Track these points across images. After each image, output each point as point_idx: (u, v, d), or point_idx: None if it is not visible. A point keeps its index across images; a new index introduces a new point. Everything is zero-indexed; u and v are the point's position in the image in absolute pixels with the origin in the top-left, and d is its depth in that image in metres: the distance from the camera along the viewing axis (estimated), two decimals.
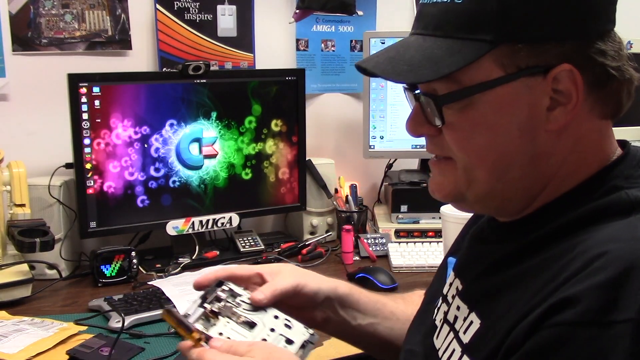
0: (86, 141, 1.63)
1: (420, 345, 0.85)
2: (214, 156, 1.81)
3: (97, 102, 1.63)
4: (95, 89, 1.62)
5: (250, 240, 1.89)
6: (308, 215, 1.98)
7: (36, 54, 1.76)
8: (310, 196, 1.97)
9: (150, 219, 1.75)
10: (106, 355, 1.21)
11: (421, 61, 0.68)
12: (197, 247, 1.81)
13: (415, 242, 1.85)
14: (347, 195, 2.02)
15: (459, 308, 0.77)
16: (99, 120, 1.64)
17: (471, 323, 0.72)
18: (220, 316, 0.80)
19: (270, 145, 1.88)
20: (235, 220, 1.85)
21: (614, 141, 0.73)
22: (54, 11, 1.75)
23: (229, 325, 0.80)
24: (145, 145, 1.71)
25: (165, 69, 1.89)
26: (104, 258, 1.62)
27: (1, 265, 1.53)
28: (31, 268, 1.56)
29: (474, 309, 0.73)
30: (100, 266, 1.62)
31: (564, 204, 0.70)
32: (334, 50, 2.14)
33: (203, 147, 1.78)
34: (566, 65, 0.66)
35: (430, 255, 1.77)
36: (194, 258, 1.78)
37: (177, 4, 1.89)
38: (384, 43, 1.93)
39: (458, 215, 1.38)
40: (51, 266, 1.61)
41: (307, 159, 1.96)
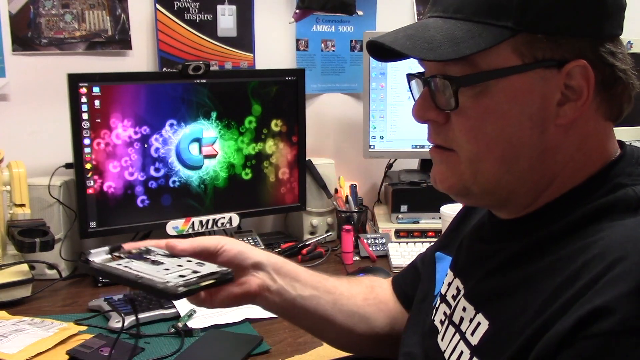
0: (86, 141, 1.63)
1: (419, 347, 0.84)
2: (214, 156, 1.81)
3: (97, 102, 1.63)
4: (95, 89, 1.62)
5: (250, 241, 1.89)
6: (308, 215, 1.98)
7: (36, 54, 1.76)
8: (310, 196, 1.97)
9: (150, 219, 1.75)
10: (106, 355, 1.20)
11: (442, 41, 0.68)
12: None
13: (415, 242, 1.85)
14: (347, 195, 2.02)
15: (464, 309, 0.76)
16: (99, 120, 1.64)
17: (479, 324, 0.71)
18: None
19: (270, 145, 1.88)
20: (235, 220, 1.85)
21: (615, 142, 0.74)
22: (54, 11, 1.75)
23: (132, 262, 0.79)
24: (145, 145, 1.71)
25: (165, 69, 1.89)
26: None
27: (1, 265, 1.53)
28: (31, 268, 1.56)
29: (481, 310, 0.72)
30: None
31: (570, 201, 0.70)
32: (334, 50, 2.14)
33: (203, 147, 1.78)
34: (581, 61, 0.67)
35: None
36: None
37: (177, 4, 1.89)
38: None
39: None
40: (51, 266, 1.61)
41: (307, 159, 1.95)
